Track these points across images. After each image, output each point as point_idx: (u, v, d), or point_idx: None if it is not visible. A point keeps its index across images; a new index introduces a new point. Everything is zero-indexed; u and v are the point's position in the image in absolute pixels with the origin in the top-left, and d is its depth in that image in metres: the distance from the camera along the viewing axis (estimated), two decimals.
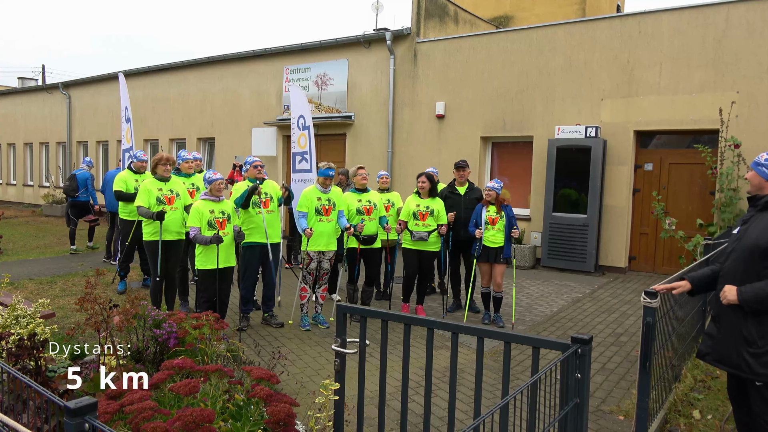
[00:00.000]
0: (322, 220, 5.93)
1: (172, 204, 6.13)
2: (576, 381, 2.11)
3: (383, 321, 2.67)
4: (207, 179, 5.40)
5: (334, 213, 6.02)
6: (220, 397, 2.70)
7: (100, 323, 3.26)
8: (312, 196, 5.96)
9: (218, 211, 5.39)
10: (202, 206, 5.34)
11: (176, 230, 6.15)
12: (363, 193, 6.33)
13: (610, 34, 9.56)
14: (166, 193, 6.11)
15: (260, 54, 14.21)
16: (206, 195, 5.45)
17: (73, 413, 1.41)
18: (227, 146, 15.05)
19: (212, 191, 5.41)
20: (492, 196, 6.14)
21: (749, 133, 8.30)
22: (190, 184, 6.93)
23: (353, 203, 6.23)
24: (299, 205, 5.99)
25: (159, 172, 6.12)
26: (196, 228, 5.29)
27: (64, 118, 20.17)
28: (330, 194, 6.02)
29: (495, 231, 6.10)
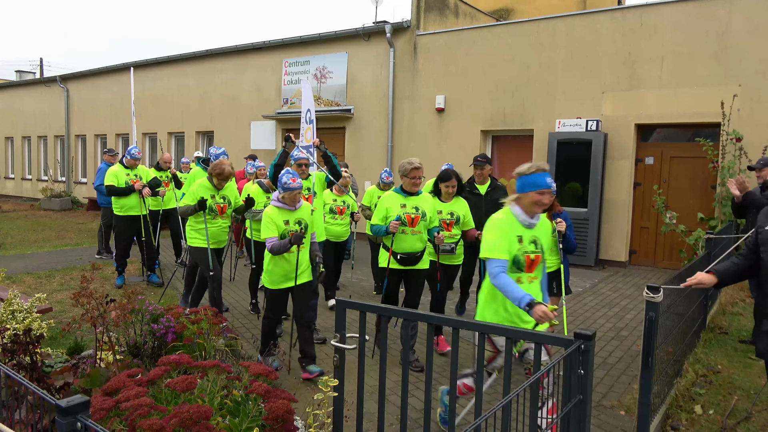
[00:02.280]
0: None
1: (223, 213, 5.83)
2: (579, 377, 2.08)
3: (383, 316, 2.64)
4: (283, 185, 4.48)
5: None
6: (217, 393, 2.67)
7: (97, 318, 3.22)
8: None
9: (294, 222, 4.58)
10: (275, 215, 4.52)
11: (221, 238, 5.92)
12: (410, 197, 4.75)
13: (611, 27, 9.49)
14: (219, 201, 5.79)
15: (259, 47, 14.12)
16: (279, 202, 4.57)
17: (65, 412, 1.38)
18: (226, 140, 14.98)
19: (286, 199, 4.53)
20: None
21: (751, 126, 8.25)
22: None
23: (394, 207, 4.70)
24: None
25: (215, 183, 5.72)
26: (273, 238, 4.44)
27: (63, 112, 20.09)
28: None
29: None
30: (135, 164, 7.59)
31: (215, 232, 5.77)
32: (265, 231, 4.47)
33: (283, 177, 4.50)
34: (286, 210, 4.57)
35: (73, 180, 20.07)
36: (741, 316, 6.35)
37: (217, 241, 5.85)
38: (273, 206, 4.57)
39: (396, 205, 4.70)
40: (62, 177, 20.56)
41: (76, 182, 19.98)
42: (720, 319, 6.13)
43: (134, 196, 7.42)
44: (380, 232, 4.66)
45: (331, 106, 13.01)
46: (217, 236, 5.82)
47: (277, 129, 13.99)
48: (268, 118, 13.93)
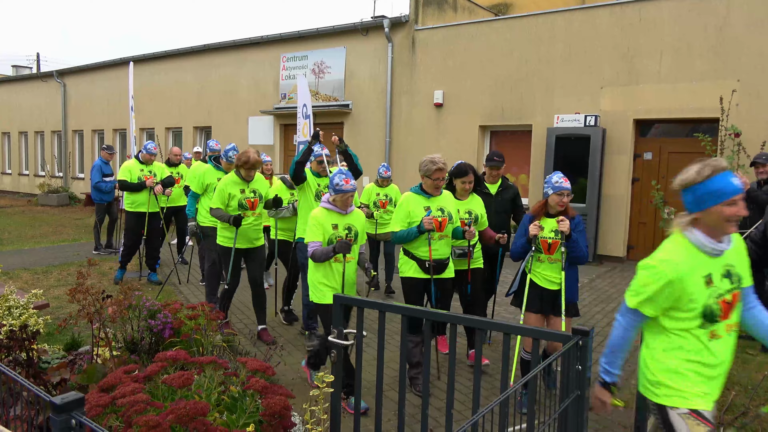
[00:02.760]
0: None
1: (254, 209, 5.32)
2: (577, 373, 2.07)
3: (380, 312, 2.63)
4: (334, 186, 3.94)
5: None
6: (215, 389, 2.66)
7: (93, 314, 3.21)
8: None
9: (343, 228, 4.04)
10: (323, 217, 4.01)
11: (255, 237, 5.38)
12: (433, 198, 4.27)
13: (610, 22, 9.46)
14: (249, 196, 5.26)
15: (257, 42, 14.07)
16: (330, 204, 4.06)
17: (60, 409, 1.37)
18: (224, 135, 14.92)
19: (338, 202, 4.03)
20: (562, 205, 3.90)
21: (750, 121, 8.24)
22: None
23: (417, 211, 4.21)
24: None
25: (243, 175, 5.24)
26: (317, 243, 3.95)
27: (59, 107, 20.01)
28: None
29: (553, 263, 3.90)
30: (151, 160, 7.42)
31: (245, 230, 5.24)
32: (310, 234, 3.97)
33: (336, 177, 3.97)
34: (336, 213, 4.05)
35: (71, 175, 20.01)
36: None
37: (248, 240, 5.31)
38: (322, 208, 4.08)
39: (419, 207, 4.22)
40: (59, 172, 20.50)
41: (73, 178, 19.93)
42: None
43: (145, 192, 7.28)
44: (409, 236, 4.13)
45: (329, 101, 12.97)
46: (248, 235, 5.28)
47: (275, 124, 13.96)
48: (265, 113, 13.89)
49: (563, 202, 3.91)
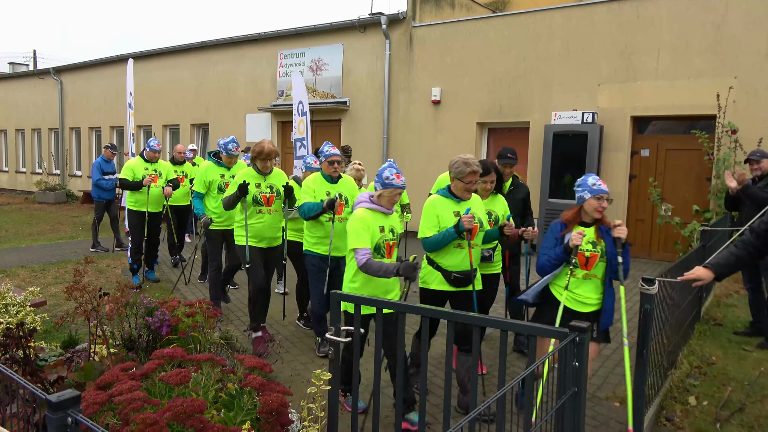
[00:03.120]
0: None
1: (270, 205, 4.98)
2: (574, 369, 2.07)
3: (377, 309, 2.63)
4: (384, 180, 3.55)
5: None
6: (212, 387, 2.66)
7: (90, 312, 3.20)
8: None
9: (388, 230, 3.63)
10: (370, 219, 3.55)
11: (272, 236, 5.07)
12: (463, 202, 3.84)
13: (608, 19, 9.46)
14: (265, 191, 4.96)
15: (254, 39, 14.04)
16: (374, 204, 3.60)
17: (56, 407, 1.36)
18: (222, 132, 14.90)
19: (384, 200, 3.58)
20: (600, 211, 3.38)
21: (746, 119, 8.25)
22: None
23: (447, 216, 3.76)
24: None
25: (259, 167, 4.96)
26: (366, 250, 3.44)
27: (56, 104, 19.95)
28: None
29: (588, 280, 3.39)
30: (155, 157, 7.17)
31: (260, 229, 4.90)
32: (358, 239, 3.46)
33: (386, 171, 3.56)
34: (381, 214, 3.60)
35: (68, 173, 19.97)
36: (735, 307, 6.37)
37: (262, 239, 4.97)
38: (366, 208, 3.57)
39: (448, 212, 3.77)
40: (56, 170, 20.44)
41: (70, 175, 19.88)
42: (714, 311, 6.15)
43: (152, 192, 7.01)
44: (445, 240, 3.65)
45: (326, 99, 12.95)
46: (263, 233, 4.94)
47: (272, 121, 13.94)
48: (263, 110, 13.87)
49: (602, 207, 3.35)
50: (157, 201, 7.16)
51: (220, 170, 5.94)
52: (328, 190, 4.79)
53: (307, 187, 4.78)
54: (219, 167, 5.96)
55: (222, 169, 5.94)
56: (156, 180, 7.05)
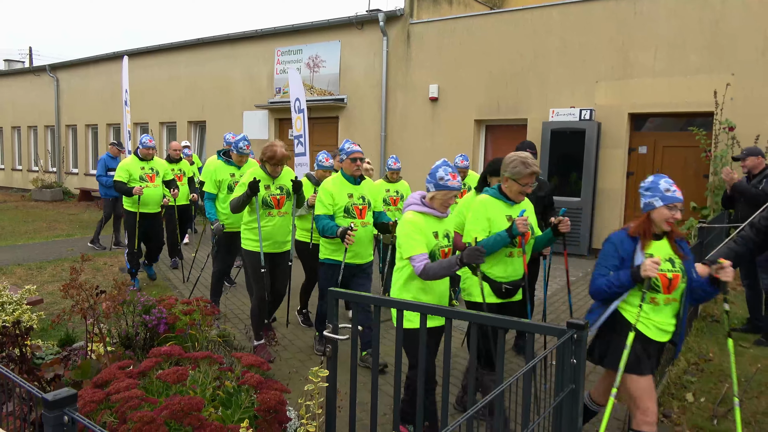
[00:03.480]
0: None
1: (280, 207, 4.76)
2: (572, 367, 2.07)
3: (375, 306, 2.63)
4: (438, 180, 3.19)
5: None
6: (209, 385, 2.65)
7: (87, 310, 3.19)
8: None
9: (443, 235, 3.32)
10: (423, 223, 3.21)
11: (282, 240, 4.83)
12: (515, 206, 3.55)
13: (605, 16, 9.45)
14: (275, 192, 4.71)
15: (251, 36, 14.00)
16: (426, 207, 3.25)
17: (52, 406, 1.36)
18: (219, 130, 14.87)
19: (437, 203, 3.24)
20: (671, 222, 2.87)
21: (744, 115, 8.26)
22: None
23: (499, 220, 3.45)
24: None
25: (269, 170, 4.72)
26: (424, 256, 3.12)
27: (52, 102, 19.87)
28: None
29: (669, 305, 2.89)
30: (149, 155, 6.86)
31: (270, 232, 4.72)
32: (413, 246, 3.11)
33: (439, 170, 3.19)
34: (434, 218, 3.25)
35: (64, 170, 19.91)
36: (732, 304, 6.39)
37: (273, 243, 4.76)
38: (417, 212, 3.23)
39: (500, 216, 3.44)
40: (53, 167, 20.38)
41: (67, 173, 19.82)
42: (712, 308, 6.16)
43: (150, 192, 6.76)
44: (497, 245, 3.32)
45: (323, 96, 12.92)
46: (273, 236, 4.75)
47: (269, 118, 13.91)
48: (260, 107, 13.84)
49: (675, 218, 2.84)
50: (156, 201, 6.91)
51: (230, 169, 5.69)
52: (350, 192, 4.42)
53: (326, 193, 4.34)
54: (229, 166, 5.70)
55: (232, 168, 5.70)
56: (153, 179, 6.84)
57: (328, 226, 4.31)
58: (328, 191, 4.39)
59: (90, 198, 17.64)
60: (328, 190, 4.39)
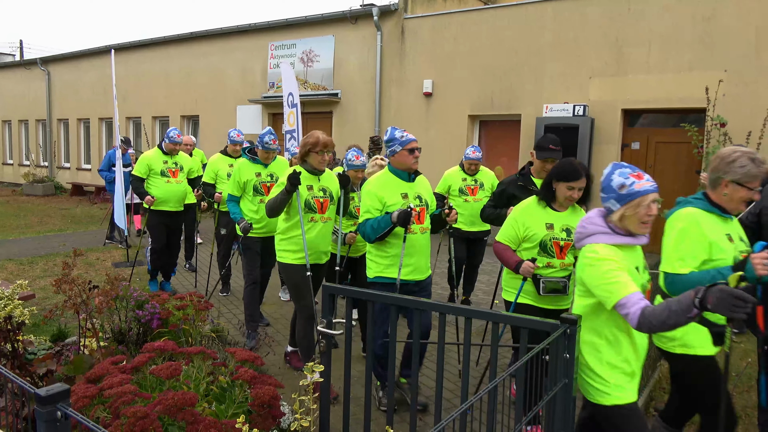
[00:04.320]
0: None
1: (324, 211, 4.11)
2: (564, 361, 2.09)
3: (369, 302, 2.63)
4: (618, 189, 2.37)
5: None
6: (203, 380, 2.65)
7: (80, 305, 3.18)
8: None
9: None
10: (621, 258, 2.30)
11: (324, 250, 4.23)
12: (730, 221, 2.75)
13: (599, 12, 9.46)
14: (318, 195, 4.07)
15: (244, 30, 13.92)
16: (616, 232, 2.37)
17: (44, 401, 1.35)
18: (212, 124, 14.81)
19: (629, 222, 2.33)
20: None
21: (736, 111, 8.30)
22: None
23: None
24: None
25: (313, 163, 4.06)
26: (638, 296, 2.16)
27: (44, 95, 19.70)
28: None
29: None
30: (176, 150, 6.30)
31: (312, 240, 4.05)
32: (617, 286, 2.16)
33: (617, 176, 2.37)
34: (630, 248, 2.38)
35: (56, 165, 19.76)
36: None
37: (315, 253, 4.10)
38: (608, 244, 2.31)
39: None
40: (45, 162, 20.22)
41: (59, 167, 19.68)
42: None
43: (165, 188, 6.21)
44: None
45: (317, 90, 12.88)
46: (316, 245, 4.09)
47: (263, 113, 13.85)
48: (254, 102, 13.78)
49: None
50: (178, 198, 6.34)
51: (256, 168, 4.91)
52: (404, 192, 3.58)
53: (372, 196, 3.56)
54: (255, 165, 4.92)
55: (258, 167, 4.92)
56: (176, 175, 6.31)
57: (376, 222, 3.46)
58: (374, 194, 3.57)
59: (82, 193, 17.53)
60: (373, 193, 3.57)
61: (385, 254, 3.60)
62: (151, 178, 6.21)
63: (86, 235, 10.35)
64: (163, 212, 6.25)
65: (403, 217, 3.38)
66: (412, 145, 3.57)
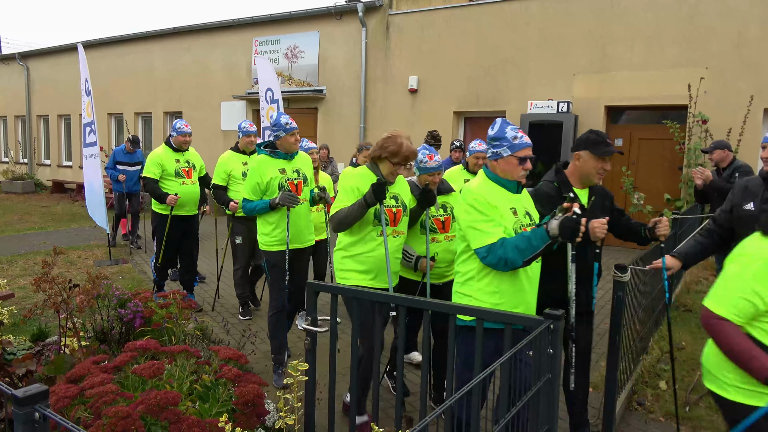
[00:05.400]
0: None
1: (397, 223, 3.42)
2: (548, 356, 2.10)
3: (354, 299, 2.62)
4: None
5: None
6: (186, 379, 2.63)
7: (60, 304, 3.13)
8: None
9: None
10: None
11: (395, 270, 3.47)
12: None
13: (584, 9, 9.52)
14: (391, 203, 3.41)
15: (229, 25, 13.79)
16: None
17: (22, 402, 1.32)
18: (196, 121, 14.63)
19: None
20: None
21: (717, 109, 8.42)
22: None
23: None
24: None
25: (384, 172, 3.36)
26: None
27: (23, 91, 19.35)
28: None
29: None
30: (186, 144, 5.59)
31: (383, 259, 3.33)
32: None
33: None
34: None
35: (36, 162, 19.44)
36: (704, 294, 6.52)
37: (376, 275, 3.37)
38: None
39: None
40: (24, 159, 19.89)
41: (39, 164, 19.36)
42: (684, 298, 6.30)
43: (187, 190, 5.57)
44: None
45: (302, 87, 12.81)
46: (378, 266, 3.36)
47: (248, 109, 13.75)
48: (238, 98, 13.67)
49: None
50: (193, 200, 5.68)
51: (280, 163, 4.13)
52: (513, 207, 2.74)
53: (485, 203, 2.64)
54: (276, 159, 4.13)
55: (281, 162, 4.14)
56: (190, 175, 5.63)
57: (521, 241, 2.56)
58: (485, 202, 2.69)
59: (63, 190, 17.28)
60: (485, 201, 2.69)
61: None
62: (165, 181, 5.51)
63: (67, 233, 10.21)
64: (176, 217, 5.53)
65: (570, 227, 2.49)
66: (526, 152, 2.68)
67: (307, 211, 4.22)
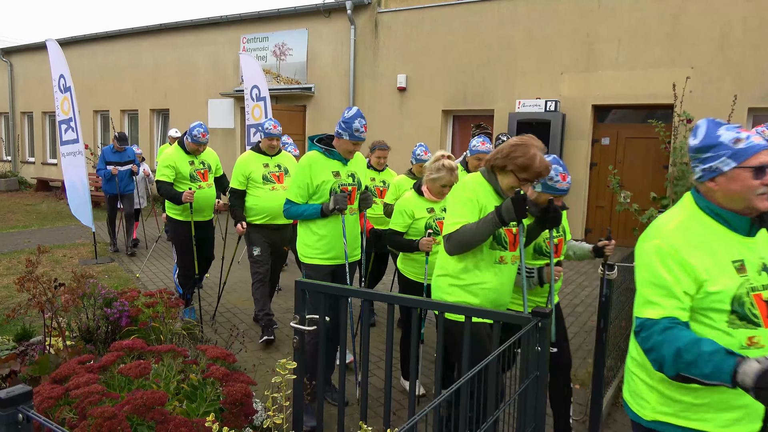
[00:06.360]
0: None
1: (515, 248, 2.81)
2: (536, 354, 2.11)
3: (343, 297, 2.62)
4: None
5: None
6: (173, 378, 2.61)
7: (44, 303, 3.09)
8: None
9: None
10: None
11: (505, 302, 2.90)
12: None
13: (570, 8, 9.57)
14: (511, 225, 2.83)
15: (216, 22, 13.69)
16: None
17: (5, 403, 1.30)
18: (182, 118, 14.54)
19: None
20: None
21: (701, 108, 8.50)
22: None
23: None
24: None
25: (503, 185, 2.73)
26: None
27: (6, 87, 19.07)
28: None
29: None
30: (200, 149, 5.27)
31: (497, 290, 2.77)
32: None
33: None
34: None
35: (20, 159, 19.18)
36: None
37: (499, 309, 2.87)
38: None
39: None
40: (8, 156, 19.61)
41: (23, 162, 19.10)
42: None
43: (203, 194, 5.28)
44: None
45: (291, 84, 12.76)
46: (500, 297, 2.79)
47: (235, 107, 13.66)
48: (225, 96, 13.58)
49: None
50: (210, 204, 5.42)
51: (334, 165, 3.63)
52: None
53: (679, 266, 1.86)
54: (331, 160, 3.60)
55: (335, 164, 3.64)
56: (206, 177, 5.34)
57: None
58: None
59: (48, 188, 17.07)
60: None
61: None
62: (178, 185, 5.18)
63: (52, 232, 10.09)
64: (196, 223, 5.21)
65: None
66: (763, 157, 1.68)
67: (357, 220, 3.72)
